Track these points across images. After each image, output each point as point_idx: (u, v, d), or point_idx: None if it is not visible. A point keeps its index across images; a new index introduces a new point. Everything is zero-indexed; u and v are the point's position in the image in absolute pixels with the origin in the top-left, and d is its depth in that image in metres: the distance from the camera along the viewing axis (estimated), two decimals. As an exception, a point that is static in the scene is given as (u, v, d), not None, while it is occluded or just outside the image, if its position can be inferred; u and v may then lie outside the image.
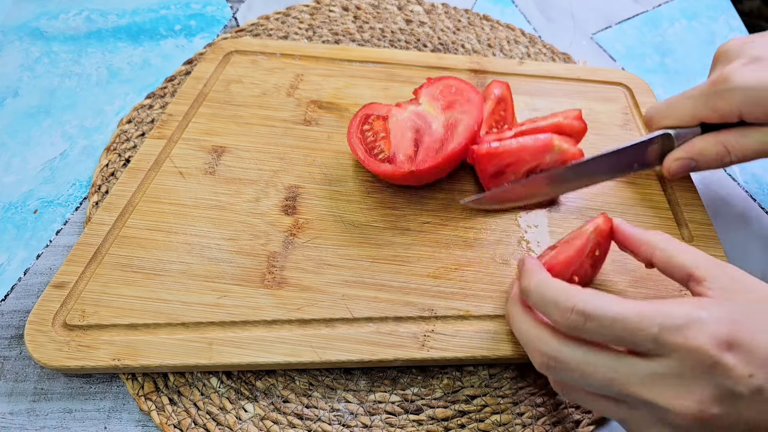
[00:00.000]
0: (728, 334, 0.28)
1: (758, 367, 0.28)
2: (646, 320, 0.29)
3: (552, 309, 0.32)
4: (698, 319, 0.28)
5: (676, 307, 0.29)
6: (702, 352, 0.28)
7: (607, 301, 0.30)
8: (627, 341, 0.30)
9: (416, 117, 0.47)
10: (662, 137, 0.45)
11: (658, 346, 0.29)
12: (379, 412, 0.39)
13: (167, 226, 0.45)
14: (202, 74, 0.56)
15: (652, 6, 0.72)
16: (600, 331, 0.30)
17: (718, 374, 0.28)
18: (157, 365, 0.38)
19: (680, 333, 0.28)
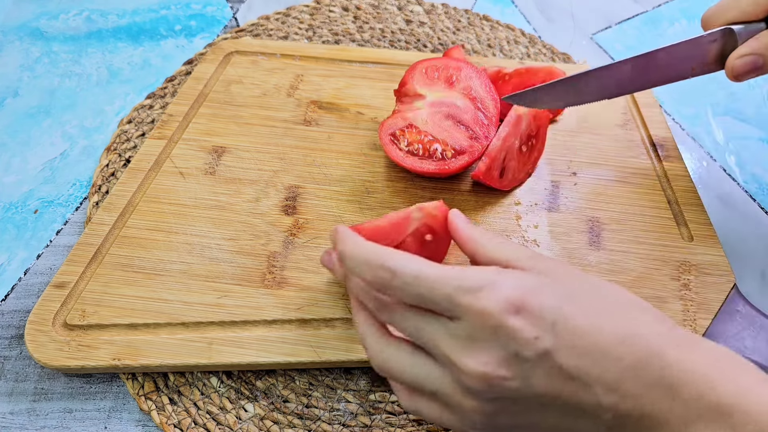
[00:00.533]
0: (518, 297, 0.28)
1: (544, 330, 0.27)
2: (443, 279, 0.29)
3: (365, 268, 0.31)
4: (491, 283, 0.28)
5: (476, 272, 0.29)
6: (488, 314, 0.27)
7: (413, 260, 0.30)
8: (426, 299, 0.29)
9: (437, 107, 0.47)
10: (724, 33, 0.40)
11: (452, 306, 0.29)
12: (379, 412, 0.39)
13: (167, 226, 0.45)
14: (203, 74, 0.56)
15: (652, 6, 0.72)
16: (404, 288, 0.30)
17: (503, 336, 0.27)
18: (157, 365, 0.38)
19: (471, 294, 0.28)
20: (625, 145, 0.53)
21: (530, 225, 0.47)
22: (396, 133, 0.47)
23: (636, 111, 0.56)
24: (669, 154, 0.52)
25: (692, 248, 0.45)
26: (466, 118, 0.46)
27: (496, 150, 0.46)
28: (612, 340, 0.27)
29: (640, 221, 0.47)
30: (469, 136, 0.46)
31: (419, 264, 0.30)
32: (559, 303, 0.28)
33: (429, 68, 0.49)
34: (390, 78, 0.57)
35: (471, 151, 0.45)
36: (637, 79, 0.44)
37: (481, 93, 0.47)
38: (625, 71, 0.43)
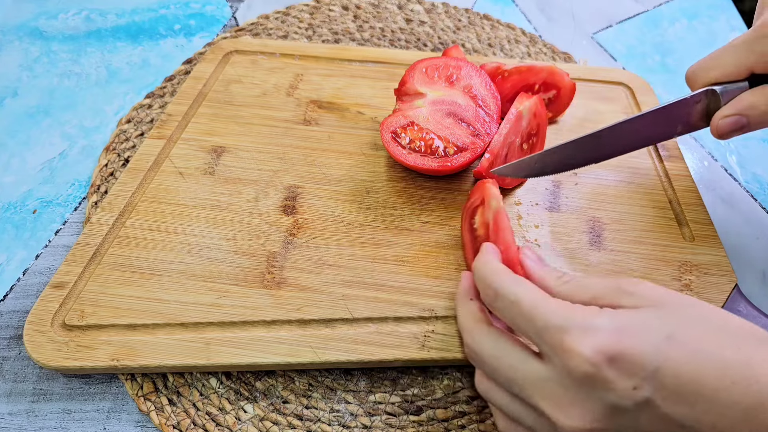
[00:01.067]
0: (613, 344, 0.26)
1: (643, 378, 0.26)
2: (537, 311, 0.28)
3: (481, 284, 0.33)
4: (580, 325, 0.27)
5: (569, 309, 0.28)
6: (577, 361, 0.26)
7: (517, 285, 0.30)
8: (521, 328, 0.30)
9: (438, 105, 0.47)
10: (707, 93, 0.41)
11: (541, 342, 0.28)
12: (379, 413, 0.39)
13: (166, 226, 0.45)
14: (202, 74, 0.56)
15: (653, 5, 0.72)
16: (504, 311, 0.31)
17: (599, 387, 0.26)
18: (156, 365, 0.38)
19: (557, 334, 0.27)
20: (626, 145, 0.53)
21: (531, 225, 0.47)
22: (397, 131, 0.47)
23: (637, 110, 0.56)
24: (670, 154, 0.52)
25: (693, 248, 0.45)
26: (468, 116, 0.46)
27: (498, 147, 0.46)
28: (723, 382, 0.25)
29: (641, 221, 0.47)
30: (471, 133, 0.46)
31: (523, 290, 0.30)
32: (659, 345, 0.26)
33: (429, 67, 0.49)
34: (390, 77, 0.57)
35: (473, 148, 0.45)
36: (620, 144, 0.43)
37: (481, 91, 0.47)
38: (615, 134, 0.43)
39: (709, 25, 0.69)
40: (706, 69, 0.41)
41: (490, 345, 0.32)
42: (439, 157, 0.45)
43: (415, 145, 0.46)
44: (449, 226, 0.46)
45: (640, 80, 0.58)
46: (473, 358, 0.34)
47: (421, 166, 0.46)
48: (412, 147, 0.46)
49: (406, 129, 0.47)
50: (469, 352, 0.34)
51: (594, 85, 0.58)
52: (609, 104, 0.56)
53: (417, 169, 0.46)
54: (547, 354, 0.28)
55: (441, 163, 0.45)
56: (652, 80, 0.63)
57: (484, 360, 0.32)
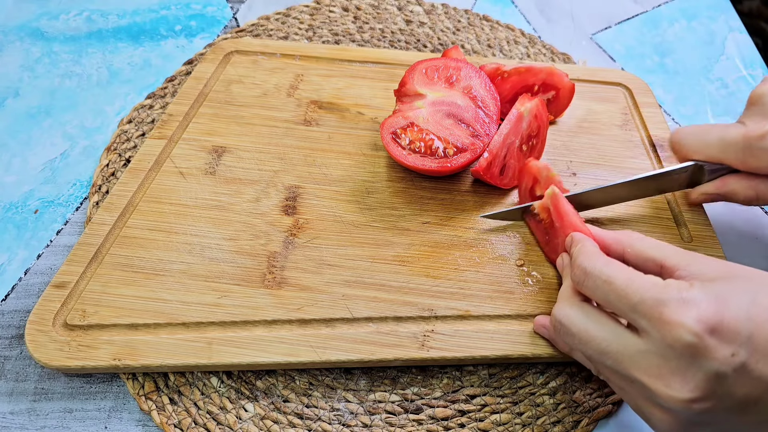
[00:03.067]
0: (713, 315, 0.28)
1: (740, 344, 0.27)
2: (631, 287, 0.30)
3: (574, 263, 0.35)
4: (677, 298, 0.29)
5: (663, 284, 0.30)
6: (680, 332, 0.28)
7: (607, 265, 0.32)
8: (614, 305, 0.31)
9: (438, 106, 0.47)
10: (695, 168, 0.45)
11: (638, 316, 0.29)
12: (379, 412, 0.39)
13: (168, 226, 0.45)
14: (203, 74, 0.56)
15: (652, 6, 0.72)
16: (594, 290, 0.32)
17: (701, 357, 0.27)
18: (157, 365, 0.38)
19: (656, 307, 0.29)
20: (625, 146, 0.53)
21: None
22: (397, 131, 0.47)
23: (636, 111, 0.56)
24: (669, 155, 0.52)
25: (692, 248, 0.45)
26: (467, 117, 0.46)
27: (497, 147, 0.46)
28: None
29: (639, 222, 0.47)
30: (471, 133, 0.46)
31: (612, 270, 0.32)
32: (748, 311, 0.28)
33: (429, 68, 0.49)
34: (390, 78, 0.57)
35: (472, 149, 0.46)
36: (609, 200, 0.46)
37: (481, 92, 0.48)
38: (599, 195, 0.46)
39: (708, 26, 0.69)
40: (692, 149, 0.44)
41: (579, 316, 0.33)
42: (438, 158, 0.46)
43: (415, 146, 0.46)
44: (449, 226, 0.46)
45: (639, 81, 0.58)
46: (559, 330, 0.35)
47: (421, 166, 0.46)
48: (412, 148, 0.46)
49: (405, 130, 0.47)
50: (555, 324, 0.36)
51: (593, 85, 0.58)
52: (608, 105, 0.56)
53: (417, 170, 0.47)
54: (644, 327, 0.29)
55: (441, 163, 0.45)
56: (651, 81, 0.63)
57: (573, 332, 0.34)
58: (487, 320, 0.41)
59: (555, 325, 0.36)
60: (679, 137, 0.45)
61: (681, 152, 0.46)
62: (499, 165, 0.47)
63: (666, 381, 0.28)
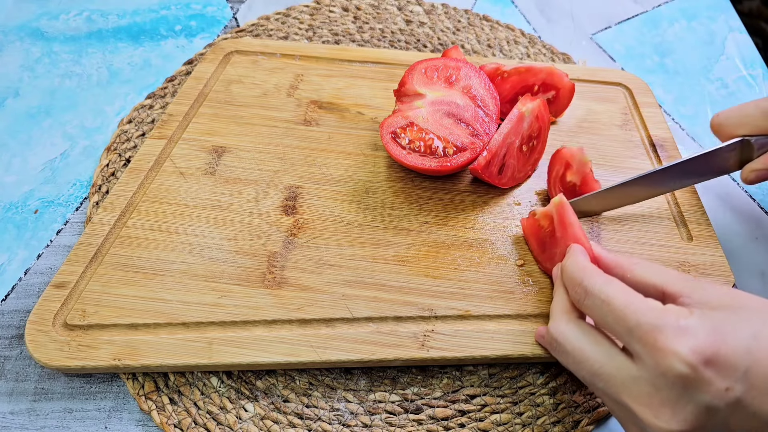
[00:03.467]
0: (710, 345, 0.27)
1: (735, 380, 0.26)
2: (629, 309, 0.29)
3: (569, 281, 0.34)
4: (674, 325, 0.28)
5: (661, 310, 0.29)
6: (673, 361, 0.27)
7: (607, 284, 0.31)
8: (611, 326, 0.30)
9: (438, 105, 0.47)
10: (742, 143, 0.43)
11: (633, 340, 0.29)
12: (379, 412, 0.39)
13: (168, 226, 0.45)
14: (203, 74, 0.56)
15: (652, 6, 0.72)
16: (593, 309, 0.32)
17: (694, 389, 0.27)
18: (157, 365, 0.38)
19: (651, 333, 0.28)
20: (625, 146, 0.53)
21: (530, 225, 0.47)
22: (397, 131, 0.47)
23: (636, 111, 0.56)
24: (669, 154, 0.52)
25: (692, 248, 0.45)
26: (467, 116, 0.46)
27: (497, 146, 0.46)
28: None
29: (639, 221, 0.47)
30: (470, 133, 0.46)
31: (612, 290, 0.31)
32: (748, 345, 0.27)
33: (428, 68, 0.49)
34: (390, 78, 0.57)
35: (472, 148, 0.46)
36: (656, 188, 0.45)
37: (480, 91, 0.48)
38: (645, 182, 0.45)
39: (708, 26, 0.69)
40: (735, 125, 0.43)
41: (574, 335, 0.33)
42: (438, 157, 0.46)
43: (415, 146, 0.46)
44: (449, 226, 0.46)
45: (639, 81, 0.58)
46: (555, 348, 0.35)
47: (421, 166, 0.46)
48: (412, 147, 0.46)
49: (405, 129, 0.47)
50: (551, 341, 0.35)
51: (593, 85, 0.58)
52: (608, 105, 0.56)
53: (416, 169, 0.47)
54: (638, 353, 0.28)
55: (440, 163, 0.45)
56: (651, 81, 0.63)
57: (568, 351, 0.33)
58: (487, 320, 0.41)
59: (551, 342, 0.35)
60: (720, 118, 0.44)
61: (725, 132, 0.44)
62: (498, 164, 0.47)
63: (655, 411, 0.28)
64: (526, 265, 0.44)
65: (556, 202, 0.42)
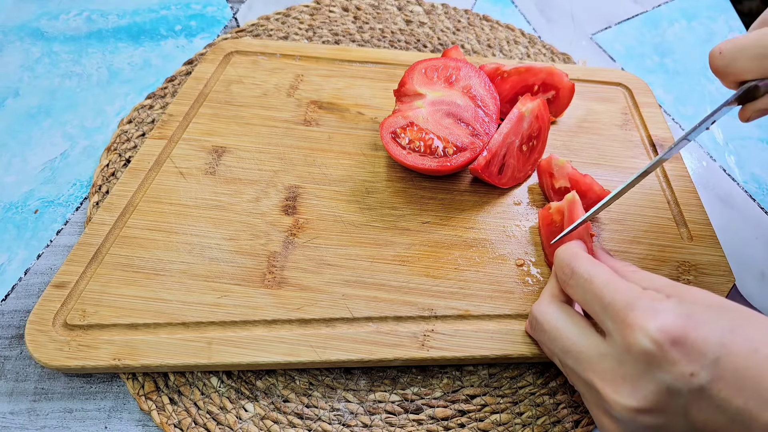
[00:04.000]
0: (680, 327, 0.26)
1: (702, 366, 0.26)
2: (606, 288, 0.30)
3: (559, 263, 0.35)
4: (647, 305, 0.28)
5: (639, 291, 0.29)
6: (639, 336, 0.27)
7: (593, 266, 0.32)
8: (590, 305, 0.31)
9: (438, 105, 0.47)
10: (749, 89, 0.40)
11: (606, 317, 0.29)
12: (379, 412, 0.39)
13: (168, 226, 0.45)
14: (203, 74, 0.56)
15: (652, 6, 0.72)
16: (576, 288, 0.32)
17: (656, 366, 0.26)
18: (157, 365, 0.38)
19: (623, 310, 0.28)
20: (625, 145, 0.53)
21: (529, 225, 0.47)
22: (397, 131, 0.47)
23: (636, 111, 0.56)
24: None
25: (692, 248, 0.45)
26: (467, 116, 0.46)
27: (497, 146, 0.46)
28: None
29: (639, 221, 0.47)
30: (470, 133, 0.46)
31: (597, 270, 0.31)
32: (722, 336, 0.26)
33: (428, 68, 0.49)
34: (390, 78, 0.57)
35: (472, 148, 0.46)
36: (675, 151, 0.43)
37: (480, 91, 0.48)
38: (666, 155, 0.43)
39: (708, 26, 0.69)
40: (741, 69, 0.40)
41: (554, 314, 0.34)
42: (438, 157, 0.46)
43: (415, 146, 0.46)
44: (449, 226, 0.46)
45: (639, 81, 0.58)
46: (534, 326, 0.36)
47: (421, 166, 0.46)
48: (412, 147, 0.46)
49: (405, 129, 0.47)
50: (531, 320, 0.36)
51: (593, 85, 0.58)
52: (608, 105, 0.56)
53: (416, 169, 0.47)
54: (609, 330, 0.29)
55: (440, 163, 0.45)
56: (651, 81, 0.63)
57: (545, 329, 0.34)
58: (487, 320, 0.41)
59: (531, 321, 0.37)
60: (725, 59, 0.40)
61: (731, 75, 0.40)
62: (498, 164, 0.47)
63: (616, 386, 0.28)
64: (526, 265, 0.44)
65: (569, 198, 0.43)
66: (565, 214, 0.43)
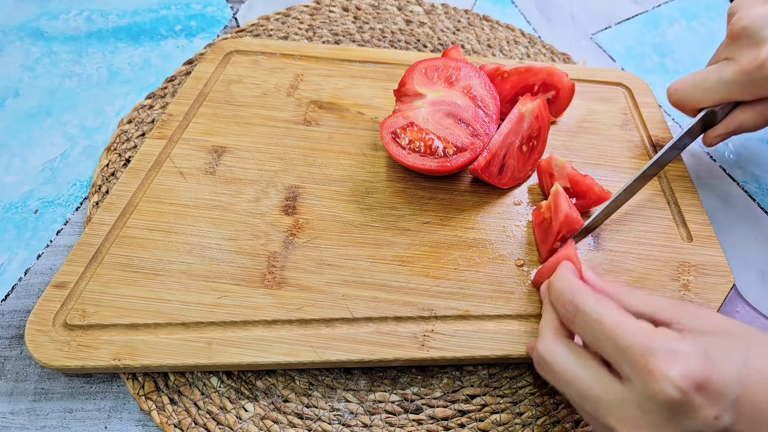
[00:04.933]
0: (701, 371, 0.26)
1: (725, 408, 0.26)
2: (619, 330, 0.29)
3: (559, 298, 0.34)
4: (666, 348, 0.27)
5: (653, 332, 0.28)
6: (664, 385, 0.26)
7: (599, 303, 0.31)
8: (602, 346, 0.30)
9: (438, 105, 0.47)
10: (707, 115, 0.47)
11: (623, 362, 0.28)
12: (379, 412, 0.39)
13: (167, 226, 0.45)
14: (203, 74, 0.56)
15: (652, 6, 0.72)
16: (584, 328, 0.31)
17: (683, 415, 0.26)
18: (157, 365, 0.38)
19: (642, 356, 0.27)
20: (625, 146, 0.53)
21: (529, 225, 0.47)
22: (397, 131, 0.47)
23: (636, 111, 0.56)
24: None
25: (692, 249, 0.45)
26: (467, 116, 0.46)
27: (497, 146, 0.46)
28: None
29: (639, 222, 0.47)
30: (470, 133, 0.46)
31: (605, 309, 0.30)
32: (738, 372, 0.27)
33: (428, 68, 0.49)
34: (390, 78, 0.57)
35: (472, 148, 0.46)
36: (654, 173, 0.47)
37: (480, 91, 0.48)
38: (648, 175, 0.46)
39: (708, 26, 0.69)
40: (699, 100, 0.46)
41: (562, 355, 0.32)
42: (438, 158, 0.46)
43: (415, 146, 0.46)
44: (449, 226, 0.46)
45: (639, 81, 0.58)
46: (542, 366, 0.33)
47: (421, 166, 0.46)
48: (412, 147, 0.46)
49: (405, 129, 0.47)
50: (539, 360, 0.34)
51: (593, 85, 0.58)
52: (608, 105, 0.56)
53: (416, 170, 0.47)
54: (628, 375, 0.28)
55: (440, 163, 0.45)
56: (651, 81, 0.63)
57: (555, 370, 0.32)
58: (487, 320, 0.41)
59: (539, 361, 0.34)
60: (681, 94, 0.47)
61: (688, 106, 0.47)
62: (498, 164, 0.47)
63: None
64: (526, 265, 0.44)
65: (553, 191, 0.43)
66: (552, 208, 0.43)
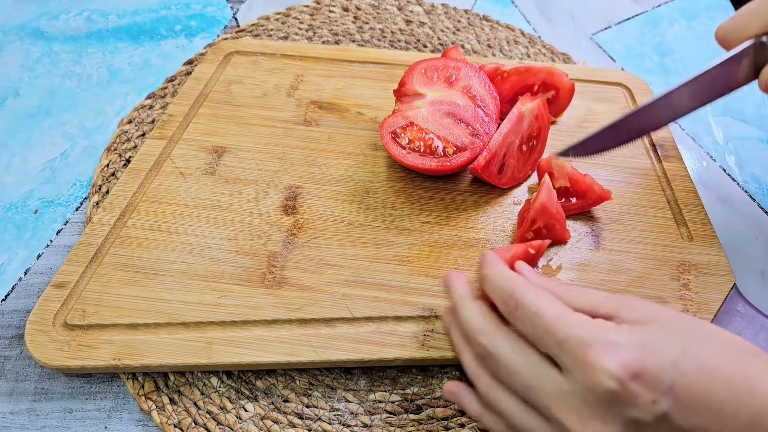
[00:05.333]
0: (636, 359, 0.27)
1: (661, 392, 0.27)
2: (559, 324, 0.29)
3: (498, 292, 0.33)
4: (603, 340, 0.28)
5: (591, 324, 0.29)
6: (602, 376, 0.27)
7: (538, 296, 0.31)
8: (542, 339, 0.30)
9: (438, 105, 0.47)
10: (755, 47, 0.38)
11: (562, 354, 0.28)
12: (379, 412, 0.39)
13: (167, 226, 0.45)
14: (203, 75, 0.56)
15: (652, 6, 0.72)
16: (524, 321, 0.31)
17: (620, 401, 0.27)
18: (157, 365, 0.38)
19: (580, 348, 0.28)
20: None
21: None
22: (397, 131, 0.47)
23: (636, 111, 0.56)
24: (669, 154, 0.52)
25: (692, 248, 0.45)
26: (467, 116, 0.46)
27: (497, 145, 0.46)
28: (729, 395, 0.27)
29: (639, 221, 0.47)
30: (470, 132, 0.46)
31: (544, 302, 0.30)
32: (674, 360, 0.27)
33: (428, 68, 0.49)
34: (390, 78, 0.57)
35: (472, 148, 0.46)
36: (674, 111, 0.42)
37: (480, 91, 0.48)
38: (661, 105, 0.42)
39: (708, 26, 0.69)
40: (743, 26, 0.39)
41: (510, 347, 0.31)
42: (438, 157, 0.46)
43: (415, 145, 0.46)
44: (449, 226, 0.46)
45: (639, 81, 0.58)
46: (485, 358, 0.32)
47: (421, 166, 0.46)
48: (412, 147, 0.46)
49: (405, 129, 0.47)
50: (481, 352, 0.33)
51: (593, 85, 0.58)
52: (608, 105, 0.56)
53: (416, 169, 0.47)
54: (567, 367, 0.28)
55: (440, 162, 0.45)
56: (651, 81, 0.63)
57: (501, 362, 0.31)
58: (487, 320, 0.41)
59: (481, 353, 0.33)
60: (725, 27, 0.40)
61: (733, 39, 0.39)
62: (498, 164, 0.47)
63: (585, 423, 0.28)
64: (526, 265, 0.44)
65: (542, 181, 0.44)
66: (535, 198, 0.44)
